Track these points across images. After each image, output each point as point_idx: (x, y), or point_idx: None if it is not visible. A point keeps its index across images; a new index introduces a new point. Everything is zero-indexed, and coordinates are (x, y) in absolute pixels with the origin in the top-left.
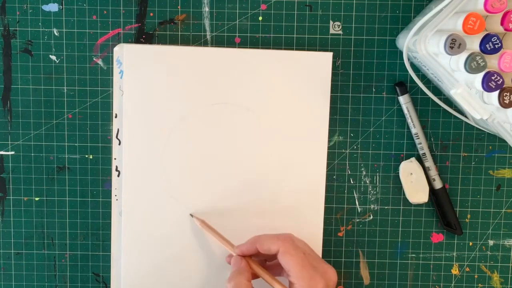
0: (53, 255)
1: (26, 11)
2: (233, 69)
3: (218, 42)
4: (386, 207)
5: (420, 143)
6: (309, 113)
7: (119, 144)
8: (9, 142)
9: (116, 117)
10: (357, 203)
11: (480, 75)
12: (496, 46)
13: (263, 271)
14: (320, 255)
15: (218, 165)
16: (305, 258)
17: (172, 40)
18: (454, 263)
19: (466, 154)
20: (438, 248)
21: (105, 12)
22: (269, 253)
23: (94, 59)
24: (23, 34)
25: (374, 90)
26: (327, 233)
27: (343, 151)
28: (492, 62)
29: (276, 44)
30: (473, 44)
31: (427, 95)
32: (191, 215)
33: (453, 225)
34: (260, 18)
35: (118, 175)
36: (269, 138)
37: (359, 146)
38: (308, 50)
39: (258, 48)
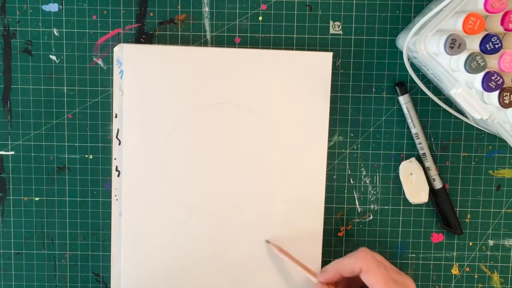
0: (53, 255)
1: (26, 11)
2: (233, 69)
3: (218, 42)
4: (386, 207)
5: (420, 143)
6: (309, 113)
7: (119, 144)
8: (9, 142)
9: (116, 117)
10: (357, 203)
11: (480, 75)
12: (496, 46)
13: None
14: (320, 255)
15: (218, 165)
16: (387, 273)
17: (172, 40)
18: (454, 263)
19: (466, 154)
20: (438, 248)
21: (105, 12)
22: (353, 274)
23: (94, 59)
24: (23, 34)
25: (374, 90)
26: (327, 233)
27: (343, 151)
28: (492, 62)
29: (276, 44)
30: (473, 44)
31: (427, 95)
32: (267, 242)
33: (453, 225)
34: (260, 18)
35: (118, 175)
36: (269, 138)
37: (359, 146)
38: (308, 50)
39: (258, 48)
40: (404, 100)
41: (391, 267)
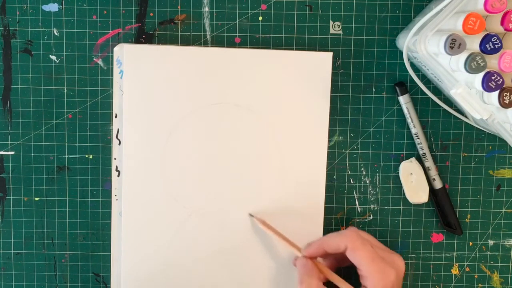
0: (53, 255)
1: (26, 11)
2: (233, 69)
3: (218, 42)
4: (386, 207)
5: (420, 143)
6: (309, 113)
7: (119, 144)
8: (9, 142)
9: (116, 117)
10: (357, 203)
11: (480, 75)
12: (496, 46)
13: (330, 271)
14: None
15: (218, 165)
16: (373, 250)
17: (172, 40)
18: (454, 263)
19: (466, 154)
20: (438, 248)
21: (105, 12)
22: (337, 251)
23: (94, 59)
24: (23, 34)
25: (374, 90)
26: (327, 233)
27: (343, 151)
28: (492, 62)
29: (276, 44)
30: (473, 44)
31: (427, 95)
32: (251, 215)
33: (453, 225)
34: (260, 18)
35: (118, 175)
36: (269, 138)
37: (359, 146)
38: (308, 50)
39: (258, 48)
40: (404, 100)
41: (379, 245)
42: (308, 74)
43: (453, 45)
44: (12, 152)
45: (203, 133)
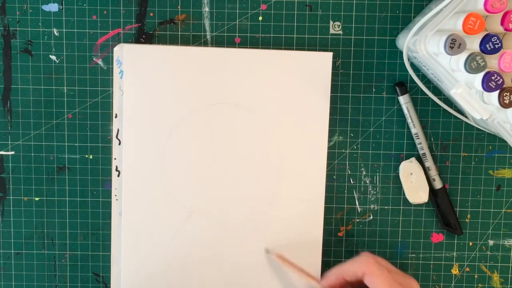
0: (53, 255)
1: (26, 11)
2: (233, 69)
3: (218, 42)
4: (386, 207)
5: (420, 143)
6: (309, 113)
7: (119, 144)
8: (9, 142)
9: (116, 117)
10: (357, 203)
11: (480, 75)
12: (496, 46)
13: None
14: (320, 255)
15: (218, 165)
16: (390, 275)
17: (172, 40)
18: (454, 263)
19: (466, 154)
20: (438, 248)
21: (105, 12)
22: (355, 278)
23: (94, 59)
24: (23, 34)
25: (374, 90)
26: (327, 233)
27: (343, 151)
28: (492, 62)
29: (276, 44)
30: (473, 44)
31: (427, 95)
32: (267, 252)
33: (453, 225)
34: (260, 18)
35: (118, 175)
36: (269, 138)
37: (359, 146)
38: (308, 50)
39: (258, 48)
40: (404, 100)
41: (395, 270)
42: (308, 74)
43: (453, 45)
44: (12, 152)
45: (203, 133)
